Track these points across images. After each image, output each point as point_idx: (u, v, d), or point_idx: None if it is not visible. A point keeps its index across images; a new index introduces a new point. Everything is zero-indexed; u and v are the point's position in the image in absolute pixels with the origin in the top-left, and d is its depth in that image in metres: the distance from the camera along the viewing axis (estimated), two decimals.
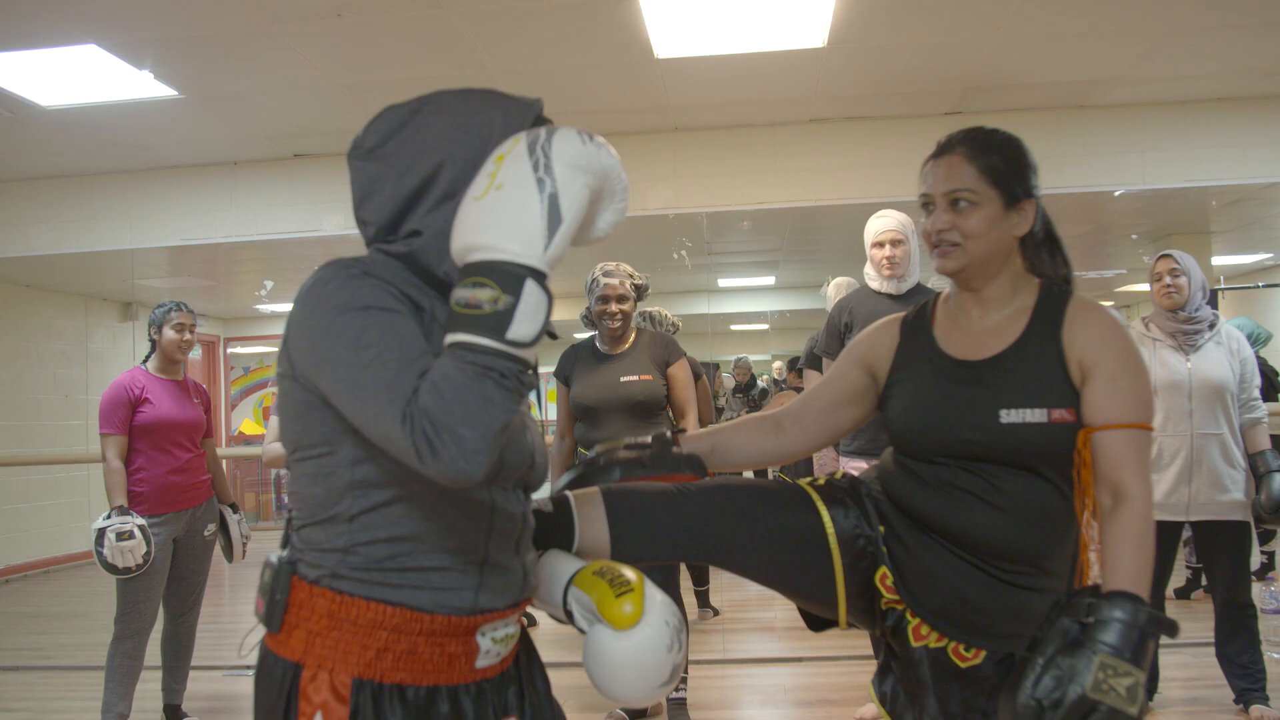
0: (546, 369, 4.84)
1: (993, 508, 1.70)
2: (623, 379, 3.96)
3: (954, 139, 1.79)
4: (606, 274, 4.00)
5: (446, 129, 1.37)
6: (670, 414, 4.11)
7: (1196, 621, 4.38)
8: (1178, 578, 5.86)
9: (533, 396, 1.34)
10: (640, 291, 4.09)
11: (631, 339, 4.09)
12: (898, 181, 5.59)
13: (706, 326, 10.58)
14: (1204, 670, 4.14)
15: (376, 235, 1.42)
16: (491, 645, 1.41)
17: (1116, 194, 5.97)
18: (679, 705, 3.95)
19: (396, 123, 1.40)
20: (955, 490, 1.74)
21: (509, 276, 1.18)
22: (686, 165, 5.82)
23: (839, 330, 4.09)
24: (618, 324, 4.00)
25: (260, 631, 1.42)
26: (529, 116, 1.39)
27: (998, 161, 1.75)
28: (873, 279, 4.02)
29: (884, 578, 1.80)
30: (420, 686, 1.35)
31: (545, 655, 4.04)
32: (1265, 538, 5.94)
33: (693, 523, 1.78)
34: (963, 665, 1.71)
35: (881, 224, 4.00)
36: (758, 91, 5.35)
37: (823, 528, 1.80)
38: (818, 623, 1.94)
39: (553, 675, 1.61)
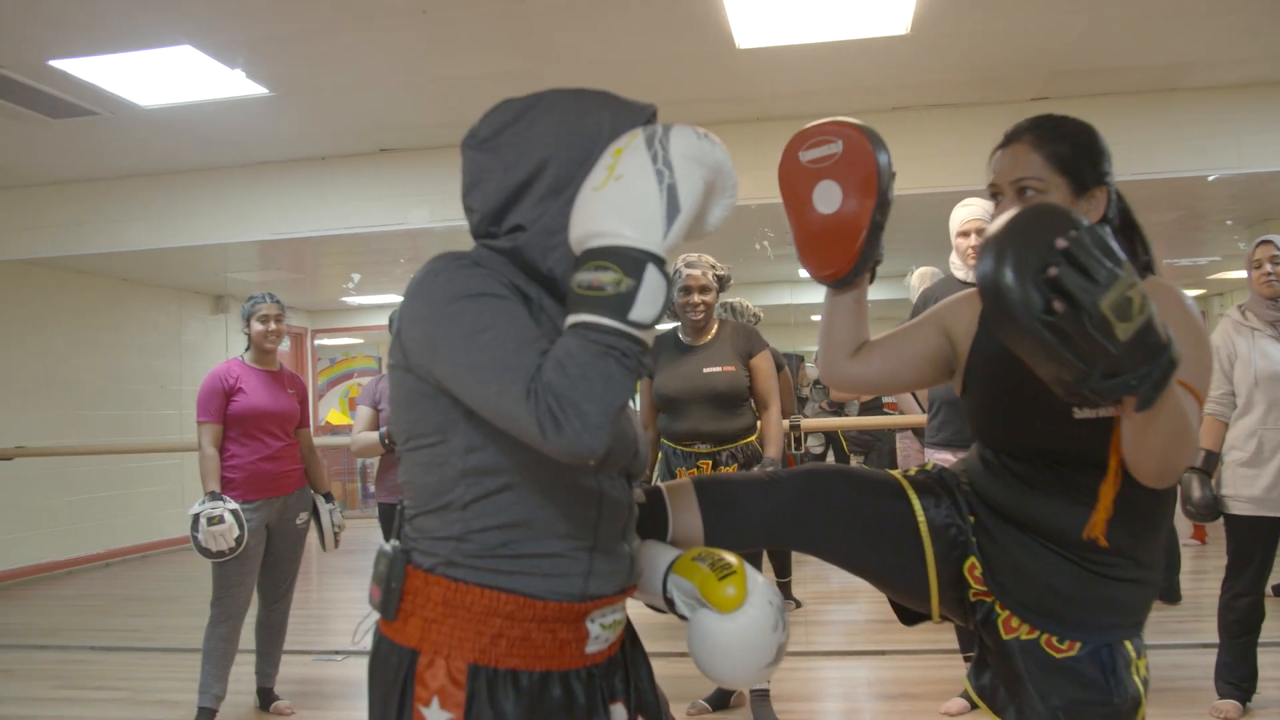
0: None
1: (1076, 501, 1.67)
2: (705, 370, 3.96)
3: (1021, 127, 1.77)
4: (689, 265, 4.01)
5: (556, 126, 1.40)
6: (753, 405, 4.11)
7: None
8: (1277, 575, 5.70)
9: None
10: (722, 282, 4.09)
11: (714, 330, 4.09)
12: (982, 170, 5.46)
13: (789, 317, 10.49)
14: None
15: (480, 224, 1.46)
16: (601, 631, 1.43)
17: (1210, 178, 5.80)
18: (762, 697, 3.95)
19: (510, 116, 1.43)
20: (1038, 484, 1.71)
21: (631, 261, 1.21)
22: (768, 155, 5.73)
23: None
24: (700, 315, 4.00)
25: (373, 618, 1.46)
26: (640, 119, 1.42)
27: (1065, 149, 1.71)
28: (958, 268, 3.98)
29: (972, 568, 1.78)
30: (534, 672, 1.38)
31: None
32: None
33: (785, 510, 1.78)
34: (1058, 657, 1.68)
35: (967, 212, 3.95)
36: (840, 80, 5.30)
37: (914, 516, 1.78)
38: (910, 616, 1.92)
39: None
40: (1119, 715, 1.62)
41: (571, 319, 1.23)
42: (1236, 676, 3.89)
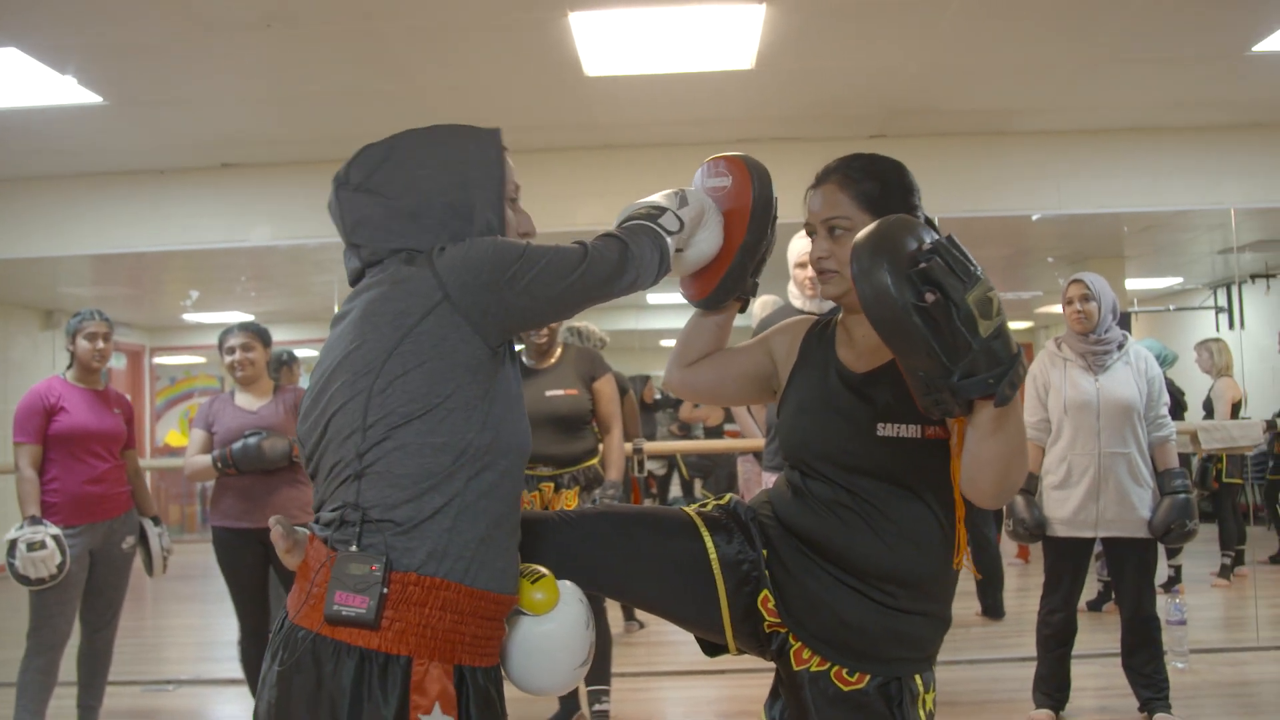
0: None
1: (872, 529, 1.73)
2: (548, 393, 3.99)
3: (830, 168, 1.86)
4: None
5: (428, 160, 1.63)
6: (595, 428, 4.15)
7: (1107, 633, 4.52)
8: (1090, 591, 6.02)
9: None
10: None
11: (558, 354, 4.13)
12: None
13: (635, 342, 10.61)
14: (1112, 680, 4.27)
15: (372, 256, 1.62)
16: None
17: (1034, 218, 6.13)
18: (602, 718, 3.98)
19: (379, 158, 1.64)
20: (838, 509, 1.77)
21: (649, 211, 1.76)
22: (615, 183, 5.87)
23: None
24: (544, 338, 4.03)
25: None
26: (498, 140, 1.69)
27: (872, 188, 1.80)
28: (796, 297, 4.10)
29: (765, 600, 1.81)
30: (491, 668, 1.51)
31: None
32: (1173, 552, 6.13)
33: (574, 551, 1.81)
34: (845, 689, 1.72)
35: (804, 244, 4.07)
36: (686, 111, 5.42)
37: (706, 554, 1.82)
38: (711, 647, 1.96)
39: None
40: None
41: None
42: (1050, 687, 4.10)
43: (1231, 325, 8.25)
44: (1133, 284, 9.56)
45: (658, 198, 1.80)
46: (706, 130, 5.70)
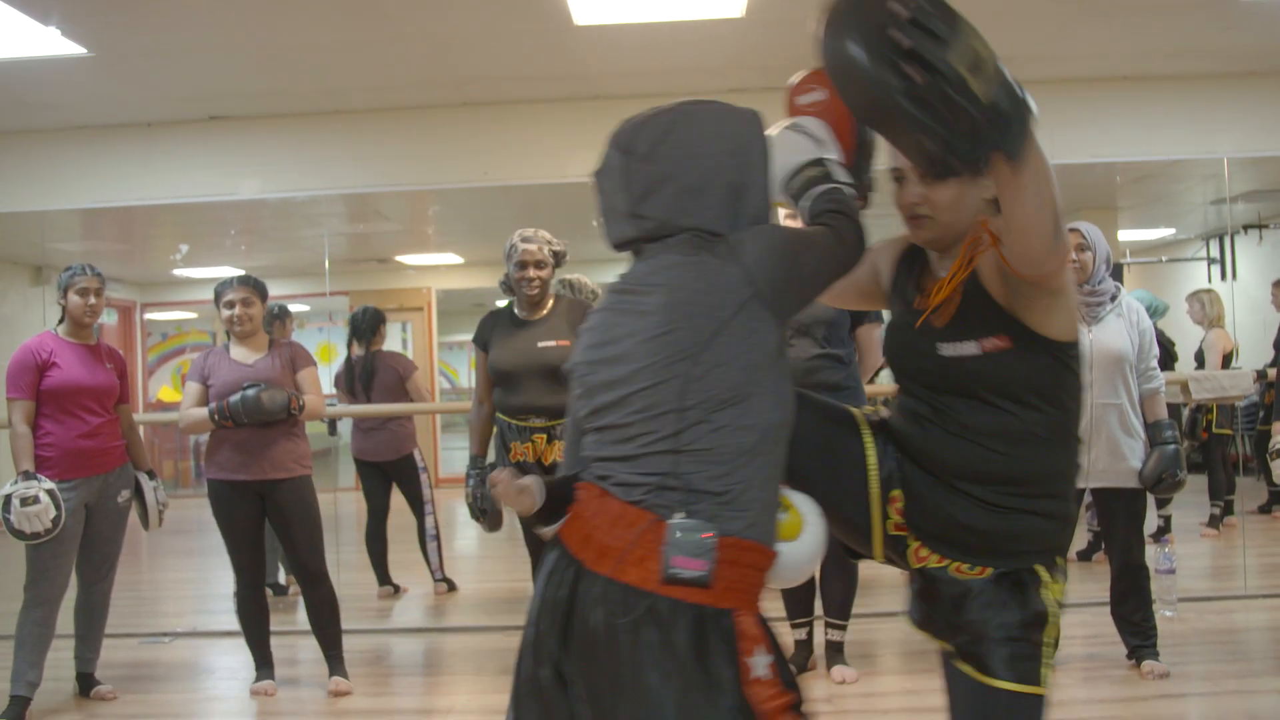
0: (466, 335, 4.84)
1: (964, 438, 1.81)
2: (540, 344, 3.99)
3: None
4: (525, 240, 4.02)
5: (708, 135, 1.73)
6: None
7: (1096, 582, 4.56)
8: (1079, 540, 6.06)
9: (459, 365, 1.53)
10: (559, 258, 4.12)
11: (550, 305, 4.12)
12: None
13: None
14: (1101, 629, 4.31)
15: (657, 229, 1.71)
16: None
17: None
18: None
19: (661, 131, 1.73)
20: (923, 420, 1.86)
21: (809, 168, 1.80)
22: (605, 133, 5.81)
23: None
24: (535, 290, 4.02)
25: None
26: (762, 125, 1.78)
27: None
28: None
29: (895, 500, 1.90)
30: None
31: (466, 619, 4.18)
32: (1163, 502, 6.17)
33: None
34: (963, 579, 1.81)
35: None
36: (676, 60, 5.37)
37: (864, 451, 1.91)
38: (855, 553, 2.05)
39: (474, 638, 1.70)
40: (1026, 627, 1.76)
41: (806, 203, 1.78)
42: None
43: (1225, 276, 8.26)
44: (1125, 235, 9.54)
45: (801, 142, 1.84)
46: (696, 80, 5.65)
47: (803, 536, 1.75)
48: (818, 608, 4.17)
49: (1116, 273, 7.44)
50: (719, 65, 5.49)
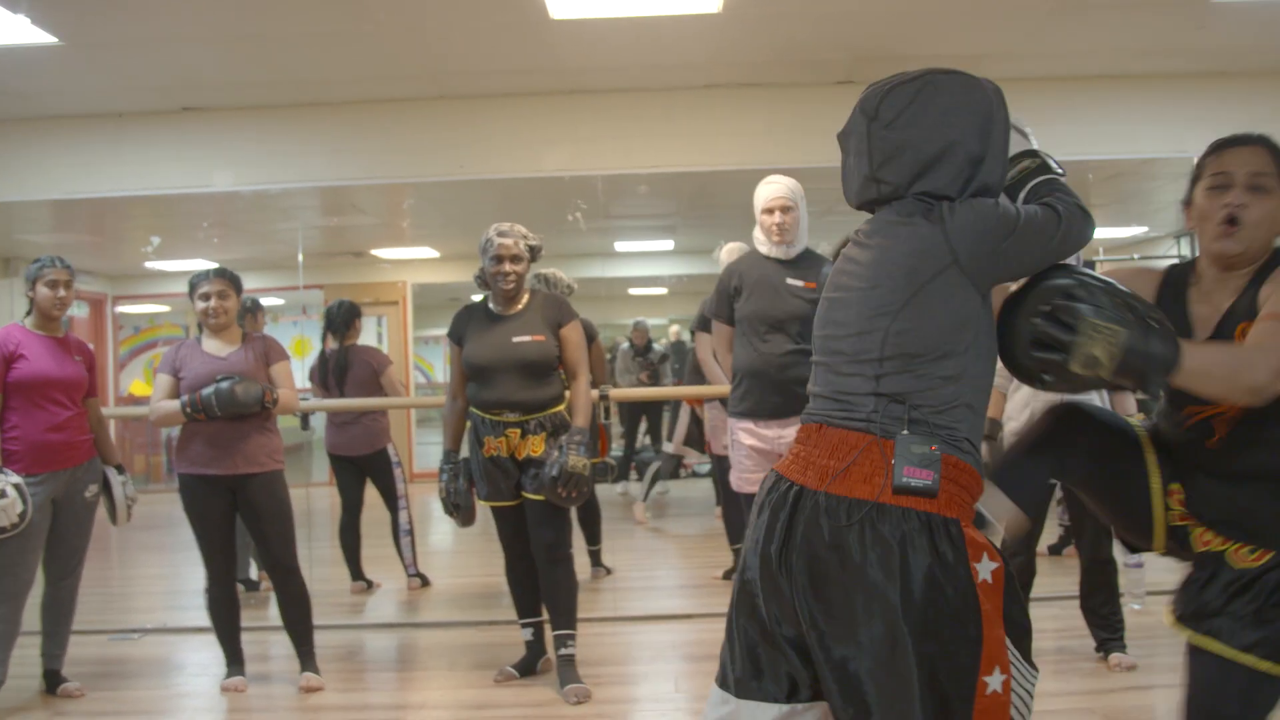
0: (442, 330, 4.83)
1: (1247, 444, 1.99)
2: (515, 339, 3.98)
3: (1251, 136, 2.06)
4: (500, 234, 4.00)
5: (952, 106, 1.81)
6: (562, 375, 4.14)
7: (1067, 576, 4.59)
8: (1051, 535, 6.10)
9: (435, 359, 1.55)
10: (534, 252, 4.10)
11: (525, 300, 4.10)
12: (790, 148, 5.67)
13: (603, 290, 10.59)
14: (1071, 622, 4.35)
15: (892, 193, 1.82)
16: None
17: None
18: (568, 661, 4.01)
19: (907, 99, 1.80)
20: (1204, 433, 2.04)
21: (1023, 158, 1.93)
22: (582, 128, 5.81)
23: (728, 293, 4.16)
24: (511, 284, 4.01)
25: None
26: (1001, 98, 1.87)
27: None
28: (762, 244, 4.11)
29: (1174, 493, 2.08)
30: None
31: (439, 614, 4.14)
32: None
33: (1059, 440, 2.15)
34: (1244, 566, 1.97)
35: (771, 190, 4.07)
36: (653, 56, 5.36)
37: (1143, 456, 2.12)
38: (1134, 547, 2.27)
39: (447, 634, 1.69)
40: None
41: (1030, 189, 1.88)
42: None
43: None
44: (1099, 232, 9.59)
45: (1014, 136, 1.93)
46: (672, 75, 5.65)
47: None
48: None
49: (1090, 269, 7.46)
50: (695, 61, 5.48)
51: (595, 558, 6.07)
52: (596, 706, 3.87)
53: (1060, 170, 1.93)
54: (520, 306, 4.08)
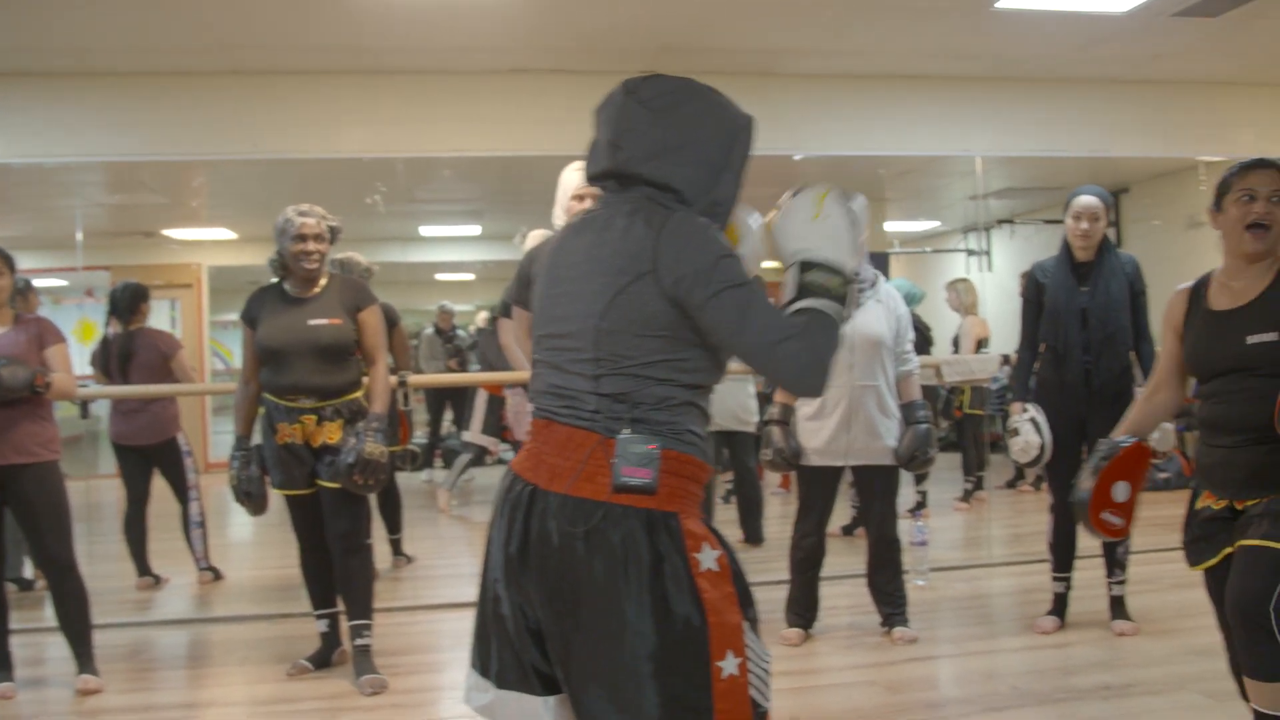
0: (233, 315, 4.65)
1: (1253, 394, 2.48)
2: (310, 322, 3.88)
3: (1266, 160, 2.58)
4: (301, 214, 3.90)
5: (708, 112, 1.83)
6: (361, 360, 4.06)
7: (857, 555, 4.78)
8: (843, 516, 6.36)
9: (233, 344, 1.52)
10: (333, 234, 4.01)
11: (322, 283, 4.01)
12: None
13: (404, 275, 10.41)
14: (861, 599, 4.53)
15: (626, 162, 1.81)
16: None
17: (796, 158, 6.33)
18: (364, 652, 3.94)
19: (671, 88, 1.83)
20: (1229, 390, 2.55)
21: (844, 276, 1.80)
22: (383, 109, 5.69)
23: (528, 279, 4.14)
24: (315, 264, 3.91)
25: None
26: (747, 121, 1.87)
27: None
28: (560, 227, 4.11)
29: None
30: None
31: (233, 609, 3.99)
32: (919, 478, 6.54)
33: None
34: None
35: (579, 177, 4.05)
36: (457, 38, 5.30)
37: None
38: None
39: (241, 628, 1.65)
40: None
41: (805, 304, 1.75)
42: (801, 607, 4.34)
43: (986, 268, 8.80)
44: (894, 226, 10.06)
45: (844, 236, 1.83)
46: (477, 59, 5.60)
47: (742, 243, 1.93)
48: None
49: (882, 261, 7.84)
50: (500, 45, 5.45)
51: (396, 546, 5.98)
52: (393, 697, 3.83)
53: (850, 310, 1.84)
54: (318, 289, 3.98)
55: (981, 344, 7.40)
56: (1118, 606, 4.36)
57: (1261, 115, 6.52)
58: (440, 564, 6.22)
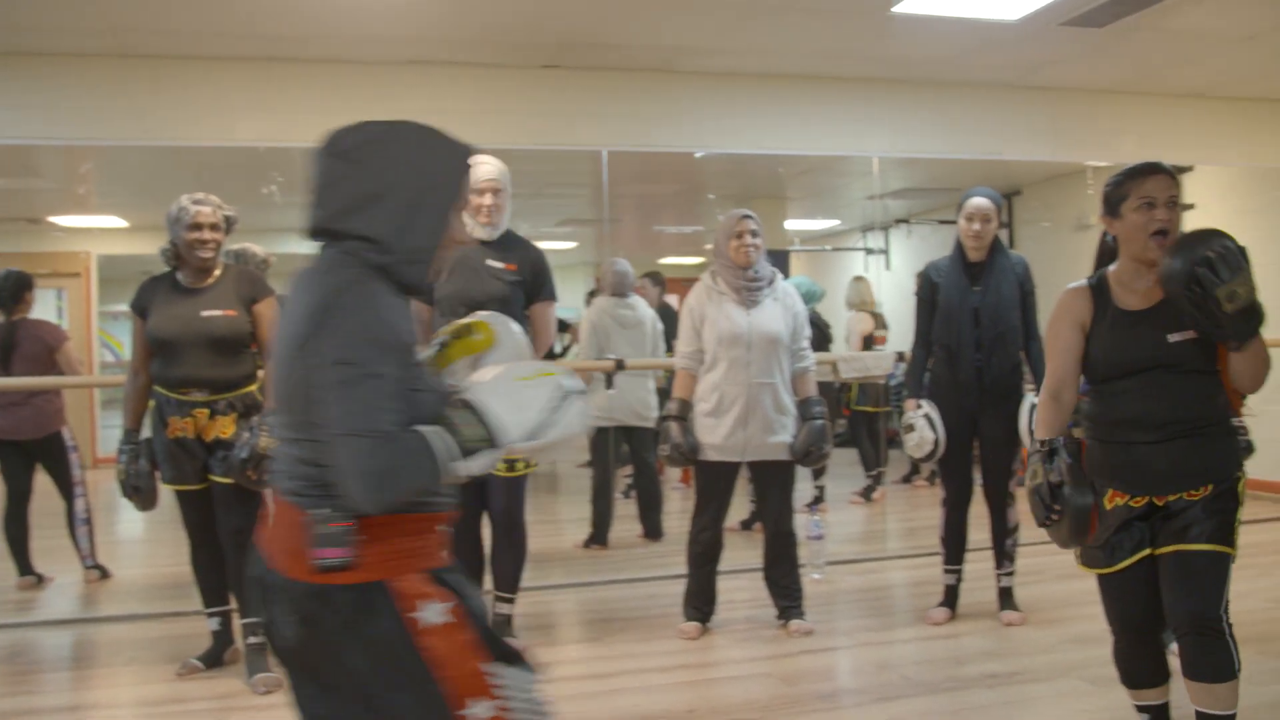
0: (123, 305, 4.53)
1: (1173, 390, 2.58)
2: (204, 313, 3.79)
3: (1160, 165, 2.65)
4: (196, 202, 3.80)
5: (410, 154, 1.76)
6: (256, 353, 3.99)
7: (756, 550, 4.85)
8: (741, 511, 6.43)
9: (124, 336, 1.54)
10: (229, 224, 3.93)
11: (217, 274, 3.92)
12: (496, 129, 5.65)
13: (297, 265, 10.20)
14: (758, 593, 4.59)
15: (321, 220, 1.76)
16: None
17: (697, 155, 6.38)
18: (256, 650, 3.87)
19: (369, 136, 1.76)
20: (1151, 387, 2.59)
21: (492, 440, 1.67)
22: (281, 98, 5.56)
23: None
24: (211, 252, 3.82)
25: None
26: (464, 155, 1.82)
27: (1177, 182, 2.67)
28: (466, 224, 4.08)
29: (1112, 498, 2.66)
30: (445, 568, 1.78)
31: (121, 608, 3.90)
32: (817, 473, 6.65)
33: None
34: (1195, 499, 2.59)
35: (482, 171, 4.05)
36: (357, 27, 5.20)
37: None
38: None
39: (130, 628, 1.68)
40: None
41: (430, 429, 1.63)
42: (699, 601, 4.38)
43: (884, 266, 8.98)
44: (794, 224, 10.20)
45: (534, 402, 1.72)
46: (376, 49, 5.52)
47: (500, 345, 2.00)
48: (487, 582, 4.21)
49: (783, 259, 7.93)
50: (399, 35, 5.36)
51: None
52: (286, 695, 3.75)
53: (445, 468, 1.67)
54: (212, 280, 3.89)
55: (868, 340, 7.52)
56: (1006, 597, 4.50)
57: (1144, 123, 6.76)
58: None
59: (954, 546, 4.52)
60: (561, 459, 1.98)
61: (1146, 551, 2.61)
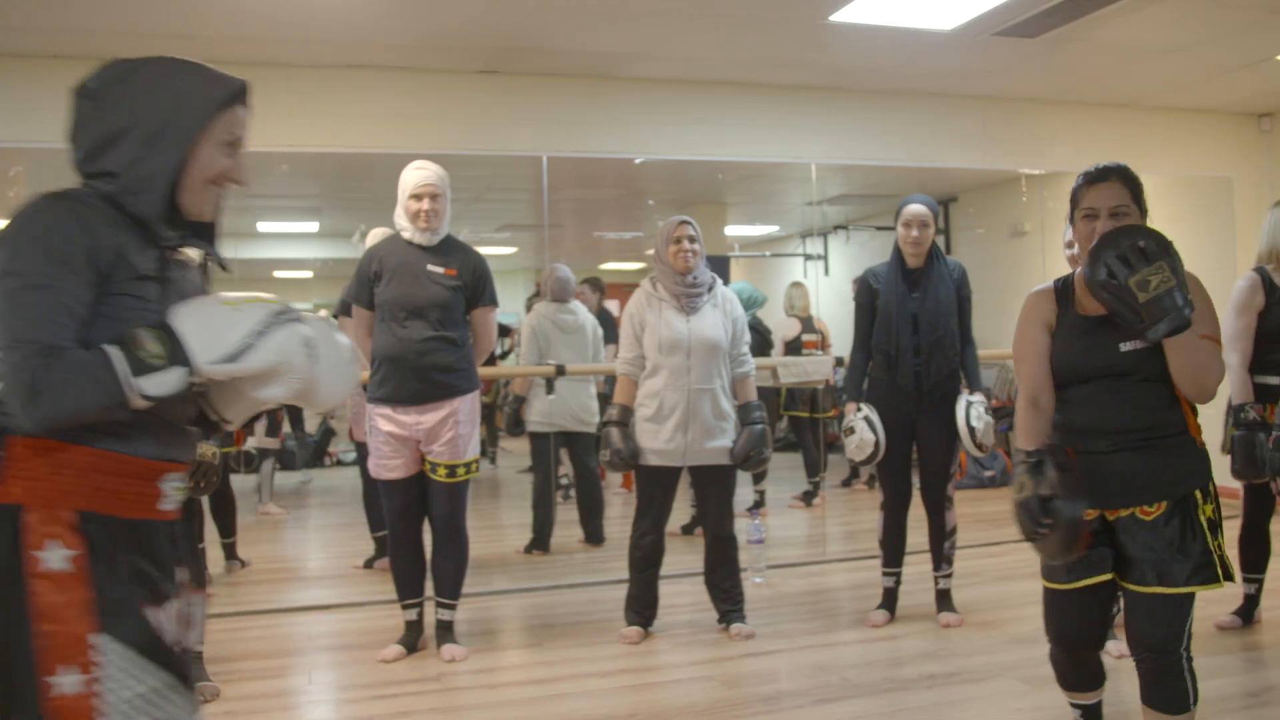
0: None
1: (1126, 398, 2.53)
2: None
3: (1110, 168, 2.57)
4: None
5: (150, 87, 1.69)
6: None
7: (695, 554, 4.87)
8: (682, 515, 6.45)
9: None
10: None
11: None
12: (435, 134, 5.63)
13: (239, 271, 10.05)
14: (699, 597, 4.61)
15: (79, 163, 1.70)
16: (172, 492, 1.71)
17: (637, 161, 6.40)
18: (195, 659, 3.81)
19: (117, 74, 1.70)
20: (1104, 394, 2.55)
21: (178, 357, 1.55)
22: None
23: (368, 278, 4.10)
24: None
25: None
26: (227, 89, 1.74)
27: (1137, 188, 2.58)
28: (405, 229, 4.06)
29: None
30: (132, 519, 1.64)
31: None
32: (758, 478, 6.69)
33: None
34: (1147, 519, 2.52)
35: (421, 176, 4.03)
36: (296, 30, 5.15)
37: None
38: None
39: None
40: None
41: (112, 345, 1.53)
42: (640, 605, 4.38)
43: (823, 272, 9.07)
44: (734, 230, 10.26)
45: (238, 324, 1.62)
46: (314, 52, 5.47)
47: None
48: (428, 588, 4.19)
49: (723, 265, 7.97)
50: (338, 39, 5.31)
51: (230, 550, 5.79)
52: (225, 705, 3.71)
53: (127, 385, 1.56)
54: None
55: (792, 344, 7.56)
56: (944, 599, 4.55)
57: (1076, 132, 6.90)
58: (280, 569, 6.05)
59: (892, 549, 4.57)
60: (283, 395, 1.66)
61: (1108, 576, 2.53)
